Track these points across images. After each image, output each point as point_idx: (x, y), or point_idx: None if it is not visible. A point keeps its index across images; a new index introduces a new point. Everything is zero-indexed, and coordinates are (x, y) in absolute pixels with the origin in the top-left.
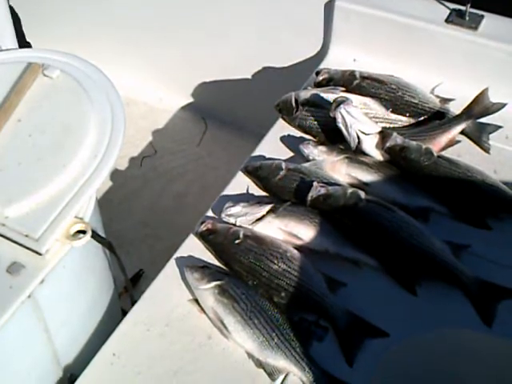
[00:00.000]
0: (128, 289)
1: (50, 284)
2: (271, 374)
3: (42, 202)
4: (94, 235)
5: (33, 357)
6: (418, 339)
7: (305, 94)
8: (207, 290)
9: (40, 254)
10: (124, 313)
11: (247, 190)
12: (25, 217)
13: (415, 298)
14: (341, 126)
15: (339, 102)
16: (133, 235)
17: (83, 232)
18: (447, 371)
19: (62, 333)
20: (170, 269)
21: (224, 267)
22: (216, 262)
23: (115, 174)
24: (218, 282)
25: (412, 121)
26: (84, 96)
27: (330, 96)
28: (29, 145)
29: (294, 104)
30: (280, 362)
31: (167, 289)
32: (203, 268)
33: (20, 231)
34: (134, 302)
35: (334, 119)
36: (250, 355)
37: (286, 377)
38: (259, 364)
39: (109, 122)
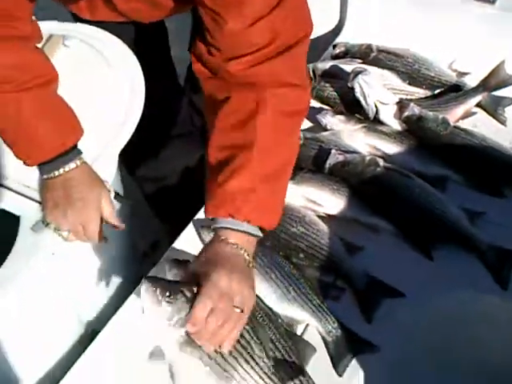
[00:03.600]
0: (147, 253)
1: (72, 243)
2: (291, 325)
3: None
4: (117, 196)
5: (55, 313)
6: (433, 302)
7: (322, 66)
8: None
9: None
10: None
11: None
12: None
13: (431, 262)
14: (359, 95)
15: (357, 73)
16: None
17: None
18: (462, 334)
19: (83, 290)
20: (189, 233)
21: None
22: None
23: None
24: None
25: (428, 93)
26: (104, 64)
27: (347, 67)
28: None
29: (311, 75)
30: (298, 313)
31: (186, 251)
32: None
33: None
34: (154, 265)
35: (352, 89)
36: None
37: (306, 327)
38: None
39: (128, 87)
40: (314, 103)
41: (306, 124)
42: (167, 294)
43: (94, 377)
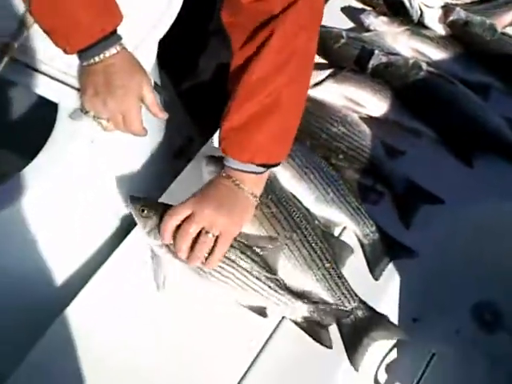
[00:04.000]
0: (182, 150)
1: (111, 132)
2: (328, 227)
3: None
4: (156, 86)
5: (92, 203)
6: (472, 210)
7: None
8: None
9: None
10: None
11: None
12: None
13: (471, 170)
14: None
15: None
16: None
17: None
18: (499, 244)
19: (121, 183)
20: None
21: None
22: None
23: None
24: None
25: None
26: None
27: None
28: None
29: None
30: (335, 215)
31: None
32: None
33: None
34: (189, 161)
35: None
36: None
37: (343, 230)
38: None
39: None
40: (357, 4)
41: (349, 24)
42: (143, 210)
43: (127, 271)
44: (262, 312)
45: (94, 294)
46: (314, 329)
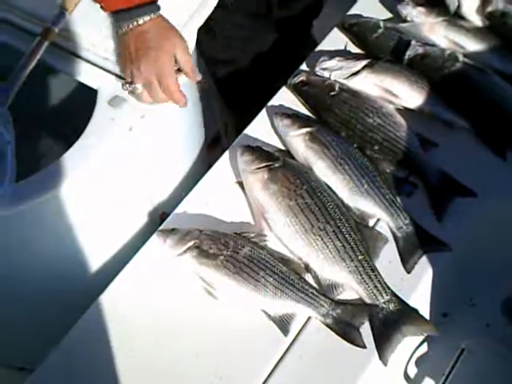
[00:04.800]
0: (221, 134)
1: (149, 119)
2: (362, 218)
3: None
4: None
5: (128, 191)
6: (505, 204)
7: None
8: (297, 137)
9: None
10: (211, 167)
11: (345, 47)
12: None
13: (504, 162)
14: None
15: None
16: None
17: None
18: None
19: (156, 171)
20: (261, 119)
21: (316, 119)
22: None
23: None
24: (308, 129)
25: None
26: None
27: None
28: None
29: None
30: (369, 207)
31: (258, 138)
32: (293, 116)
33: None
34: (224, 151)
35: None
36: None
37: (376, 222)
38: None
39: None
40: None
41: (386, 14)
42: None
43: (160, 260)
44: (285, 326)
45: (127, 281)
46: (345, 330)
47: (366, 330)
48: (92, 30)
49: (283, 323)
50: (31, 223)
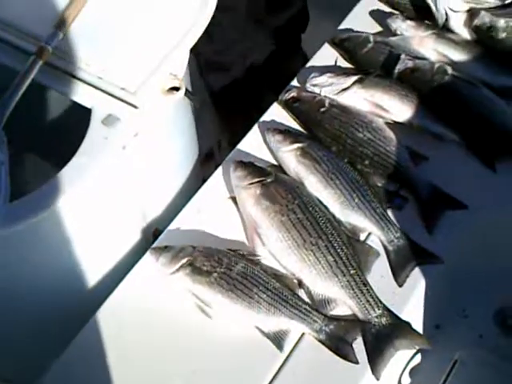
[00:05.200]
0: (214, 150)
1: (143, 138)
2: (353, 232)
3: (138, 57)
4: (187, 93)
5: (121, 209)
6: (496, 215)
7: None
8: (289, 152)
9: (136, 108)
10: (205, 181)
11: (335, 62)
12: (121, 70)
13: (494, 174)
14: (429, 1)
15: None
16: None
17: (177, 89)
18: None
19: (150, 188)
20: (253, 135)
21: (308, 134)
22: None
23: None
24: (299, 144)
25: (499, 3)
26: None
27: None
28: (126, 2)
29: None
30: (360, 221)
31: (250, 153)
32: (285, 131)
33: (117, 84)
34: (217, 166)
35: None
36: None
37: (368, 236)
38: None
39: None
40: (384, 7)
41: (376, 28)
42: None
43: (154, 276)
44: (279, 342)
45: (121, 299)
46: (338, 345)
47: (359, 345)
48: (86, 49)
49: (277, 339)
50: (26, 243)
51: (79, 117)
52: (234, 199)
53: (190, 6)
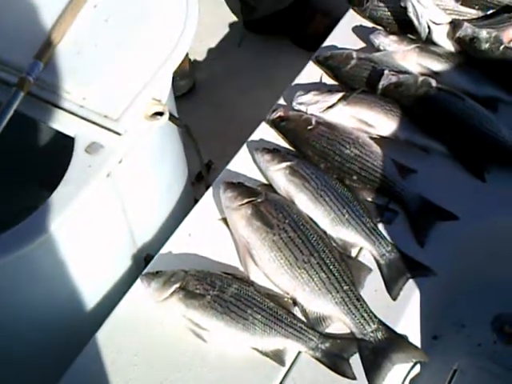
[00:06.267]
0: (203, 173)
1: (128, 164)
2: (345, 248)
3: (120, 84)
4: (171, 117)
5: (110, 236)
6: (486, 224)
7: None
8: (278, 171)
9: (119, 134)
10: (197, 202)
11: (320, 79)
12: (103, 98)
13: (483, 183)
14: (411, 15)
15: None
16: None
17: (160, 114)
18: None
19: (138, 214)
20: (243, 155)
21: (296, 153)
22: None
23: None
24: (288, 163)
25: (481, 14)
26: None
27: None
28: (105, 29)
29: None
30: (351, 236)
31: (240, 173)
32: (273, 150)
33: (99, 112)
34: (208, 188)
35: (405, 9)
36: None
37: (360, 251)
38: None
39: (183, 5)
40: (367, 23)
41: (359, 44)
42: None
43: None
44: (280, 359)
45: (115, 327)
46: (334, 362)
47: (356, 360)
48: (67, 78)
49: (275, 358)
50: (17, 272)
51: (64, 145)
52: (225, 220)
53: (170, 30)
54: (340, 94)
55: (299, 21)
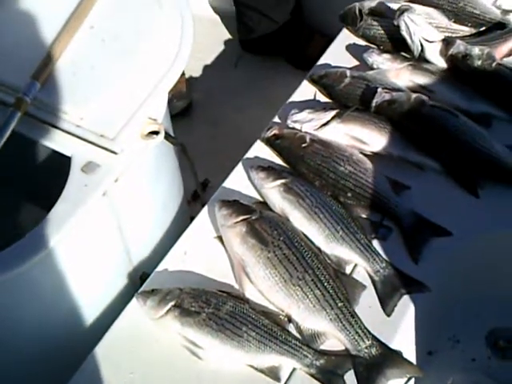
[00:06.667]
0: (198, 192)
1: (124, 183)
2: (339, 265)
3: (116, 104)
4: (167, 136)
5: (106, 255)
6: (480, 240)
7: (369, 4)
8: (273, 189)
9: (115, 153)
10: (193, 220)
11: (314, 97)
12: (99, 117)
13: (477, 199)
14: (404, 33)
15: (403, 10)
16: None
17: (156, 133)
18: (508, 272)
19: (134, 232)
20: (238, 173)
21: (290, 170)
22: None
23: None
24: (283, 181)
25: (473, 31)
26: (154, 2)
27: (393, 5)
28: (102, 50)
29: (357, 14)
30: (346, 253)
31: (236, 191)
32: (268, 168)
33: (95, 131)
34: (203, 206)
35: (398, 28)
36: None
37: (354, 268)
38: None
39: (179, 26)
40: (361, 42)
41: (352, 63)
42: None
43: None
44: (275, 375)
45: (111, 347)
46: (329, 379)
47: (350, 376)
48: (64, 98)
49: (270, 375)
50: (14, 290)
51: (61, 163)
52: (220, 238)
53: (166, 50)
54: (334, 112)
55: (296, 41)
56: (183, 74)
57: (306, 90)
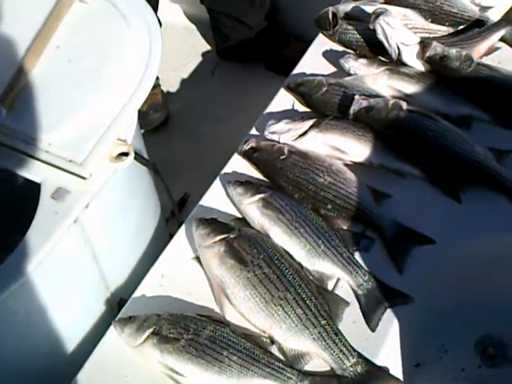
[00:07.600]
0: (174, 212)
1: (95, 208)
2: (321, 281)
3: (84, 126)
4: (138, 157)
5: (81, 282)
6: (464, 246)
7: (343, 8)
8: (251, 204)
9: (84, 179)
10: (172, 237)
11: (292, 106)
12: (67, 142)
13: (460, 205)
14: (381, 37)
15: (378, 14)
16: (176, 161)
17: (126, 154)
18: (493, 277)
19: (109, 257)
20: (216, 188)
21: (269, 184)
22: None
23: None
24: (261, 195)
25: (451, 30)
26: (121, 20)
27: (369, 8)
28: (68, 70)
29: (331, 19)
30: (328, 268)
31: (214, 208)
32: (246, 183)
33: (63, 157)
34: (180, 225)
35: (374, 31)
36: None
37: (337, 282)
38: None
39: (147, 44)
40: (337, 47)
41: (329, 69)
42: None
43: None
44: None
45: (90, 377)
46: None
47: None
48: (31, 123)
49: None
50: None
51: (31, 189)
52: (198, 259)
53: (133, 68)
54: (311, 122)
55: (273, 46)
56: (159, 85)
57: (283, 99)
